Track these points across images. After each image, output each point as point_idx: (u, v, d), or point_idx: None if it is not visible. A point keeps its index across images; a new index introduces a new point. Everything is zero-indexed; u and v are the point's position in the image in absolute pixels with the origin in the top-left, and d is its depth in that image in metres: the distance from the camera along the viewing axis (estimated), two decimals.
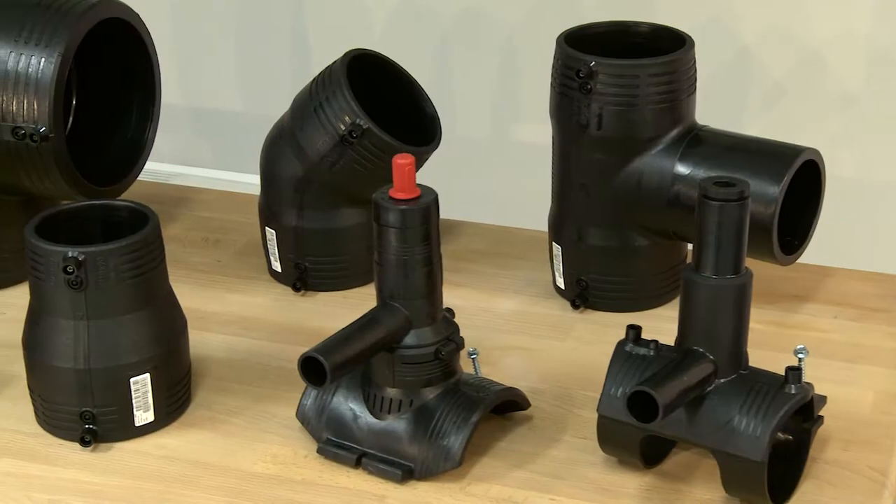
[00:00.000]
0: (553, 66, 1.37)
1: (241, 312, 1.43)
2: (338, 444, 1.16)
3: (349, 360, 1.08)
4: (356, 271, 1.45)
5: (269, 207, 1.45)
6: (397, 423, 1.15)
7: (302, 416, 1.19)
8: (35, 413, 1.22)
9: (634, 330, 1.14)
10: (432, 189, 1.14)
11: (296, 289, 1.45)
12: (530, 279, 1.47)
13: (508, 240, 1.56)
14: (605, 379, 1.13)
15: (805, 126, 1.88)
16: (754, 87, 1.91)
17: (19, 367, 1.27)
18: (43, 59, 1.31)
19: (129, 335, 1.16)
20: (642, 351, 1.12)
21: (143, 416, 1.19)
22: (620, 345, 1.14)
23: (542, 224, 1.59)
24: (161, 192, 1.67)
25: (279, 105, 1.53)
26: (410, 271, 1.13)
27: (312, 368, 1.08)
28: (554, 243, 1.42)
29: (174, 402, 1.22)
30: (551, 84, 1.38)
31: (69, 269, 1.13)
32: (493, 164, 2.05)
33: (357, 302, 1.43)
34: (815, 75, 1.87)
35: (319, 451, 1.17)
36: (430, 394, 1.15)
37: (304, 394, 1.19)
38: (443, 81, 2.08)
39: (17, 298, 1.44)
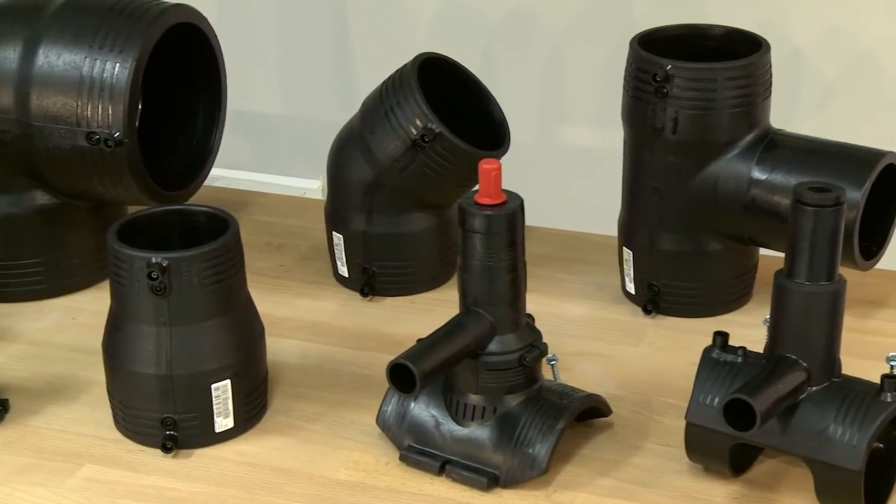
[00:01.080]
0: (626, 70, 1.36)
1: (310, 317, 1.42)
2: (420, 450, 1.16)
3: (437, 367, 1.07)
4: (423, 276, 1.45)
5: (337, 212, 1.44)
6: (481, 431, 1.14)
7: (382, 422, 1.18)
8: (114, 418, 1.22)
9: (721, 336, 1.13)
10: (518, 195, 1.13)
11: (363, 294, 1.44)
12: (599, 284, 1.46)
13: (573, 244, 1.55)
14: (694, 386, 1.12)
15: (860, 126, 1.87)
16: (807, 88, 1.90)
17: (94, 373, 1.27)
18: (118, 65, 1.31)
19: (210, 341, 1.16)
20: (730, 358, 1.11)
21: (224, 422, 1.19)
22: (707, 352, 1.13)
23: (596, 227, 1.58)
24: (219, 197, 1.66)
25: (321, 107, 1.51)
26: (495, 277, 1.12)
27: (401, 375, 1.07)
28: (625, 248, 1.41)
29: (252, 408, 1.21)
30: (624, 87, 1.37)
31: (153, 275, 1.12)
32: (540, 168, 2.04)
33: (425, 307, 1.43)
34: (869, 75, 1.87)
35: (402, 458, 1.16)
36: (514, 401, 1.14)
37: (384, 400, 1.19)
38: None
39: (87, 303, 1.45)
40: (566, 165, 2.03)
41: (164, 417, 1.16)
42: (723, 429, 1.03)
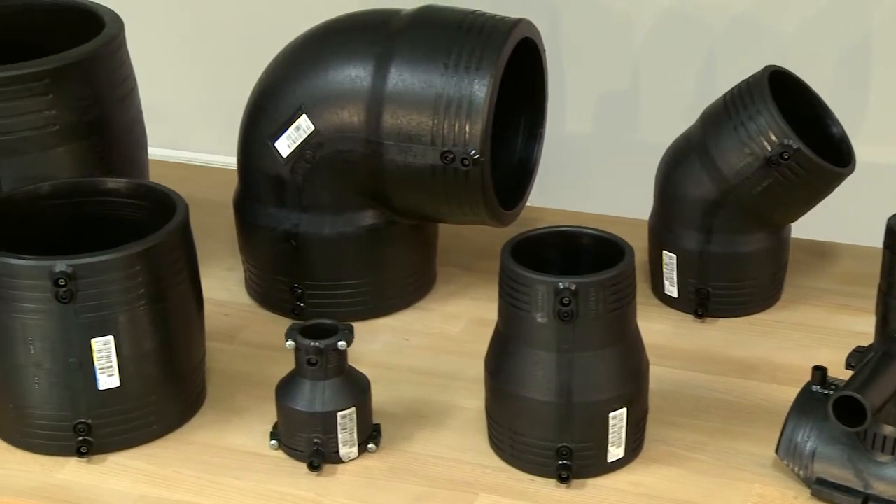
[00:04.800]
0: None
1: (647, 339, 1.38)
2: (834, 485, 1.12)
3: (885, 400, 1.03)
4: (757, 297, 1.40)
5: (669, 229, 1.40)
6: None
7: (785, 453, 1.14)
8: (493, 444, 1.18)
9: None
10: None
11: (697, 315, 1.41)
12: None
13: None
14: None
15: None
16: None
17: (451, 396, 1.26)
18: (475, 82, 1.28)
19: (608, 369, 1.13)
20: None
21: (615, 451, 1.15)
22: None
23: None
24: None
25: None
26: None
27: (844, 408, 1.03)
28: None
29: (638, 437, 1.18)
30: None
31: (565, 300, 1.09)
32: None
33: (764, 329, 1.38)
34: None
35: (815, 492, 1.12)
36: None
37: (784, 429, 1.14)
38: (705, 90, 2.03)
39: (412, 323, 1.42)
40: None
41: (559, 447, 1.13)
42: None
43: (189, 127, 1.94)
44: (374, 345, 1.37)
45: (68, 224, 1.26)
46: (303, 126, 1.35)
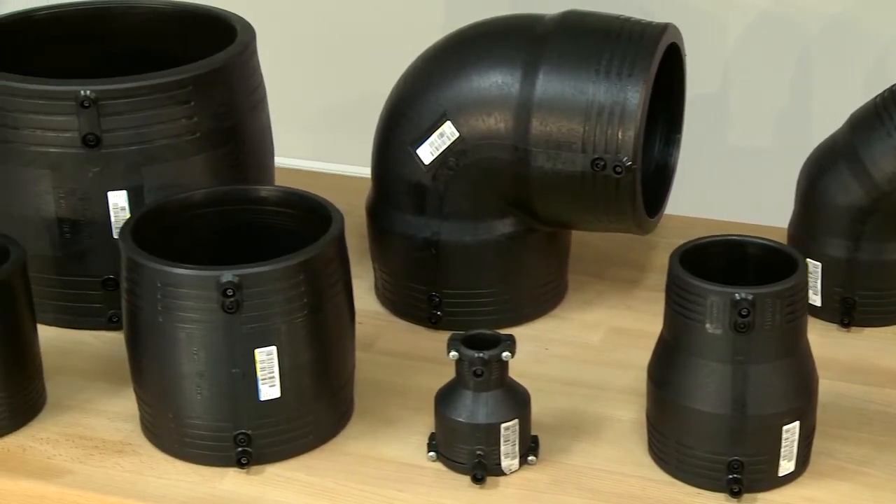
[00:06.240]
0: None
1: None
2: None
3: None
4: None
5: (814, 237, 1.37)
6: None
7: None
8: (655, 454, 1.16)
9: None
10: None
11: (843, 324, 1.38)
12: None
13: None
14: None
15: None
16: None
17: (601, 406, 1.24)
18: (629, 87, 1.26)
19: (783, 381, 1.10)
20: None
21: (786, 465, 1.13)
22: None
23: None
24: None
25: None
26: None
27: None
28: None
29: (807, 450, 1.15)
30: None
31: (743, 311, 1.07)
32: None
33: None
34: None
35: None
36: None
37: None
38: (800, 93, 2.00)
39: (549, 332, 1.40)
40: None
41: (731, 460, 1.11)
42: None
43: (290, 134, 1.93)
44: (516, 354, 1.36)
45: (217, 232, 1.25)
46: (447, 133, 1.33)
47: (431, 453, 1.18)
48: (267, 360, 1.14)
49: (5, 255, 1.21)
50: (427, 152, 1.34)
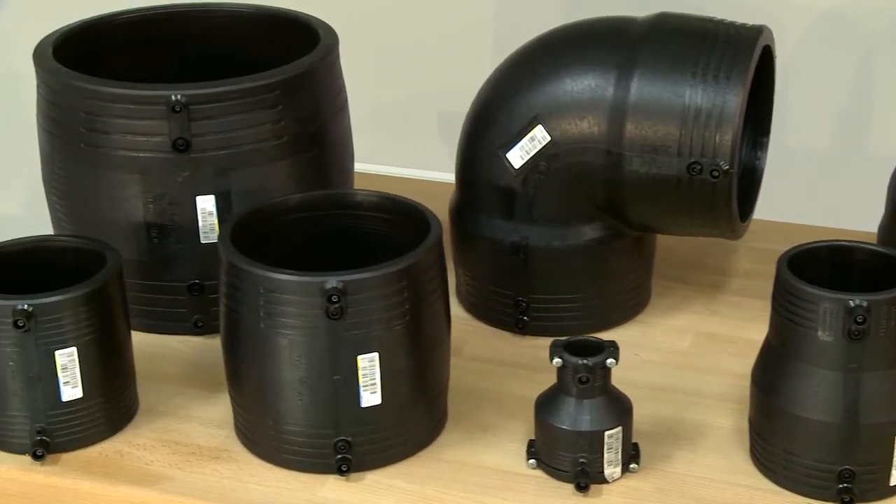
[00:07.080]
0: None
1: None
2: None
3: None
4: None
5: None
6: None
7: None
8: (759, 462, 1.14)
9: None
10: None
11: None
12: None
13: None
14: None
15: None
16: None
17: (693, 413, 1.23)
18: (727, 91, 1.25)
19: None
20: None
21: None
22: None
23: None
24: None
25: None
26: None
27: None
28: None
29: None
30: None
31: (859, 318, 1.05)
32: None
33: None
34: None
35: None
36: None
37: None
38: (861, 94, 1.98)
39: (636, 337, 1.38)
40: None
41: (842, 469, 1.09)
42: None
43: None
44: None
45: (311, 237, 1.25)
46: (538, 137, 1.32)
47: (532, 460, 1.17)
48: (369, 366, 1.13)
49: (102, 261, 1.21)
50: (517, 156, 1.33)
